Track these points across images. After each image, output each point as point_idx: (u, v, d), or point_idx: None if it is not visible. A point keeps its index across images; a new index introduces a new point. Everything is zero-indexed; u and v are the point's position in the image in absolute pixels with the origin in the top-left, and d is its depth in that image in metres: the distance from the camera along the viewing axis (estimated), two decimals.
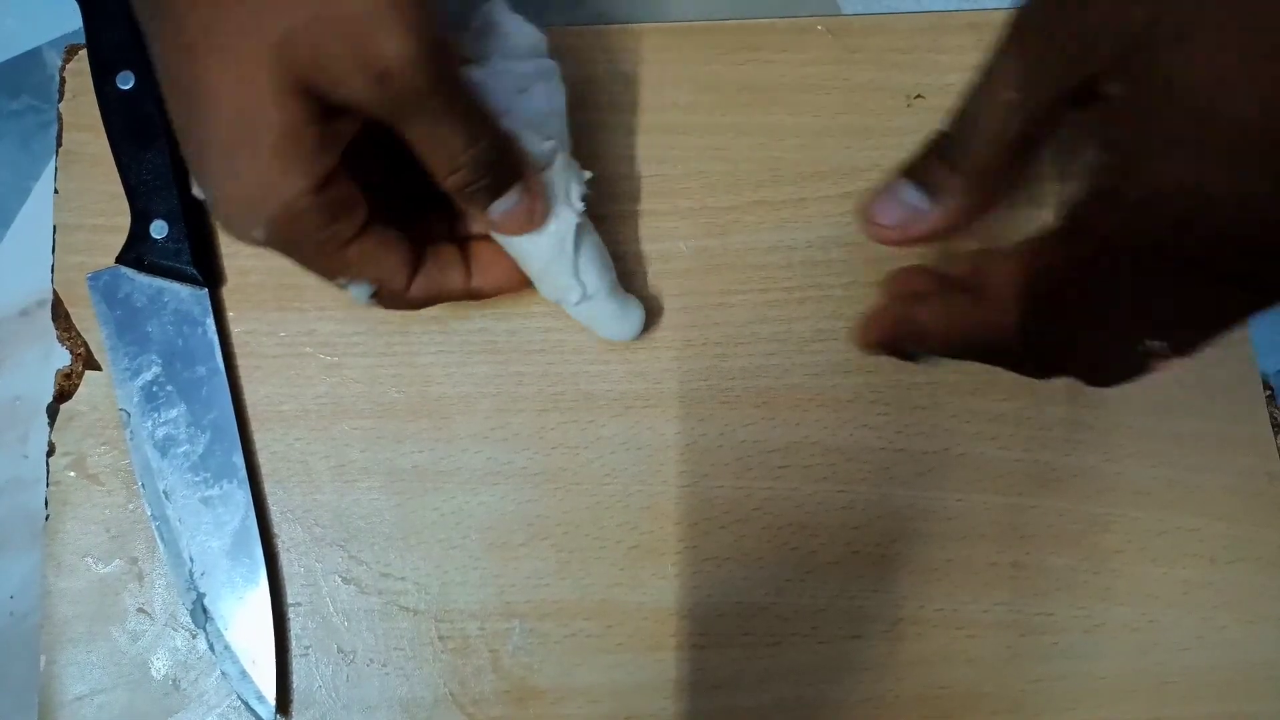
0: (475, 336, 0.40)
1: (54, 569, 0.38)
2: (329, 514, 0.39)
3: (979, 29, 0.43)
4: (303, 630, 0.38)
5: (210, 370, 0.39)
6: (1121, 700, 0.38)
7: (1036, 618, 0.39)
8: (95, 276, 0.39)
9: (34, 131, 0.43)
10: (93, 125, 0.40)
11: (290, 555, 0.38)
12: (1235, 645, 0.39)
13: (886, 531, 0.39)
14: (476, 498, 0.39)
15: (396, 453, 0.39)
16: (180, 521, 0.38)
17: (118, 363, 0.39)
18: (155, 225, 0.39)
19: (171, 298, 0.39)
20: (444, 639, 0.38)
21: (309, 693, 0.37)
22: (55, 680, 0.37)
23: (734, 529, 0.39)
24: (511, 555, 0.38)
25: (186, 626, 0.38)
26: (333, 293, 0.40)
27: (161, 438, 0.38)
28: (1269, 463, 0.40)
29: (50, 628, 0.38)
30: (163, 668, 0.37)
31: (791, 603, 0.38)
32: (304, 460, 0.39)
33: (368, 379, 0.40)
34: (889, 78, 0.42)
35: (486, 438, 0.39)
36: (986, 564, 0.39)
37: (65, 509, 0.38)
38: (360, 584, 0.38)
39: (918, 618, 0.38)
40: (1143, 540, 0.39)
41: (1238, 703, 0.38)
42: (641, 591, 0.38)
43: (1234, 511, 0.40)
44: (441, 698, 0.37)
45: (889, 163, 0.42)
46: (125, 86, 0.39)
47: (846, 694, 0.38)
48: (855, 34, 0.43)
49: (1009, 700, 0.38)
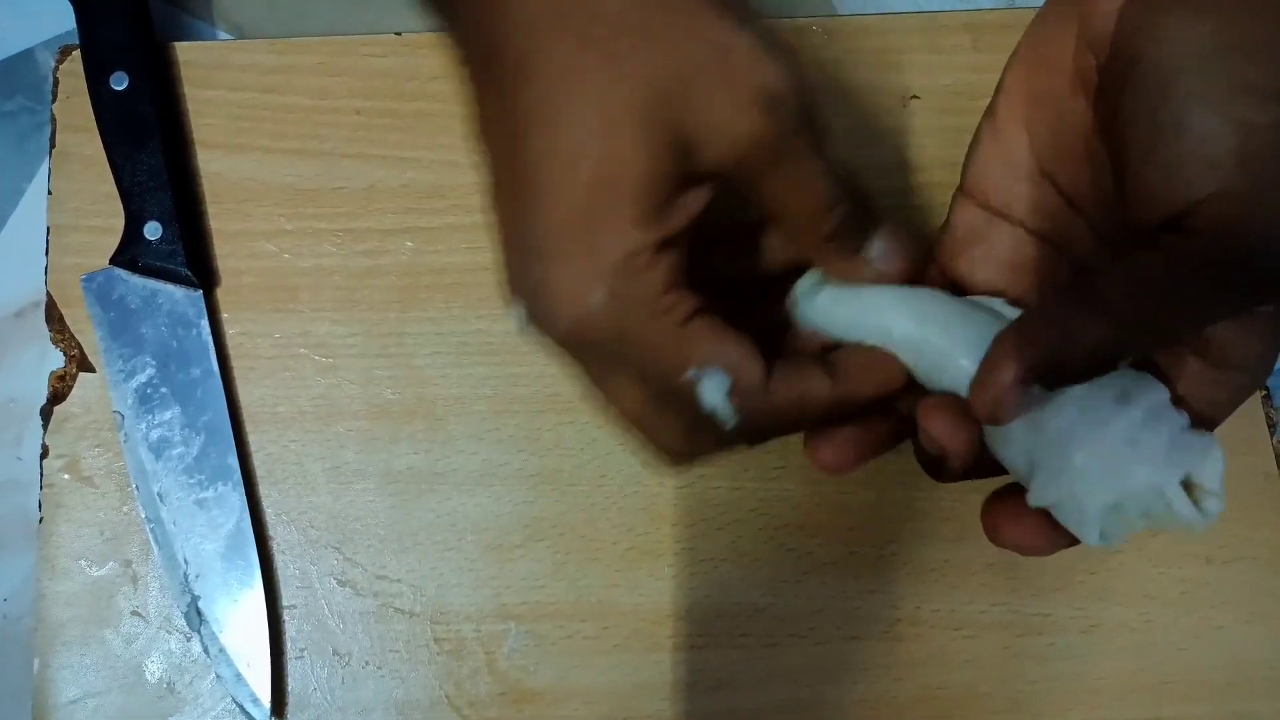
0: (471, 338, 0.40)
1: (48, 572, 0.38)
2: (324, 516, 0.39)
3: (975, 30, 0.43)
4: (298, 633, 0.38)
5: (205, 372, 0.39)
6: (1119, 700, 0.38)
7: (1034, 618, 0.38)
8: (89, 278, 0.39)
9: (28, 132, 0.43)
10: (86, 126, 0.40)
11: (285, 557, 0.38)
12: (1233, 645, 0.39)
13: (884, 532, 0.39)
14: (472, 499, 0.39)
15: (392, 454, 0.39)
16: (175, 524, 0.38)
17: (112, 365, 0.39)
18: (149, 227, 0.39)
19: (166, 299, 0.39)
20: (439, 641, 0.38)
21: (304, 695, 0.37)
22: (49, 684, 0.37)
23: (731, 530, 0.39)
24: (507, 557, 0.38)
25: (181, 629, 0.37)
26: (327, 294, 0.40)
27: (156, 440, 0.38)
28: (1265, 463, 0.40)
29: (44, 631, 0.37)
30: (157, 671, 0.37)
31: (789, 603, 0.38)
32: (299, 462, 0.39)
33: (363, 380, 0.40)
34: (885, 79, 0.42)
35: (482, 439, 0.39)
36: (984, 564, 0.39)
37: (59, 511, 0.38)
38: (355, 586, 0.38)
39: (915, 618, 0.38)
40: (1140, 540, 0.39)
41: (1236, 702, 0.38)
42: (638, 593, 0.38)
43: (1231, 511, 0.39)
44: (437, 700, 0.37)
45: (885, 164, 0.42)
46: (119, 87, 0.39)
47: (844, 695, 0.38)
48: (851, 35, 0.43)
49: (1007, 700, 0.38)
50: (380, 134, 0.42)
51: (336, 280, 0.40)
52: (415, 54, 0.42)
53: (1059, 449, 0.26)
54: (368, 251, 0.41)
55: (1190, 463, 0.26)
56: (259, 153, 0.41)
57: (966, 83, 0.42)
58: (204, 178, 0.41)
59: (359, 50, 0.42)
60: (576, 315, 0.25)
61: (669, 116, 0.25)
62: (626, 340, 0.26)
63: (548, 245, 0.26)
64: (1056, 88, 0.28)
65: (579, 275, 0.25)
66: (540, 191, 0.25)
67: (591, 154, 0.25)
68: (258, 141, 0.41)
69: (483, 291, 0.40)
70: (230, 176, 0.41)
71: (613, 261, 0.25)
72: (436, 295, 0.40)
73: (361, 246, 0.41)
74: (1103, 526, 0.27)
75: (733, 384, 0.26)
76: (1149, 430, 0.26)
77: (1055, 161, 0.29)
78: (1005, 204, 0.30)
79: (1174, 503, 0.26)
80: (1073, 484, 0.26)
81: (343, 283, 0.40)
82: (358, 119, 0.42)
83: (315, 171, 0.41)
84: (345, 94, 0.42)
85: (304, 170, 0.41)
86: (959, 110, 0.42)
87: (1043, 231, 0.30)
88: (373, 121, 0.42)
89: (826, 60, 0.42)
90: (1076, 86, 0.28)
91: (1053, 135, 0.29)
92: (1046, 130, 0.29)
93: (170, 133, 0.40)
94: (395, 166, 0.41)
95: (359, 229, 0.41)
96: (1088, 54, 0.27)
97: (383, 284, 0.40)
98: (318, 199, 0.41)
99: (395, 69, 0.42)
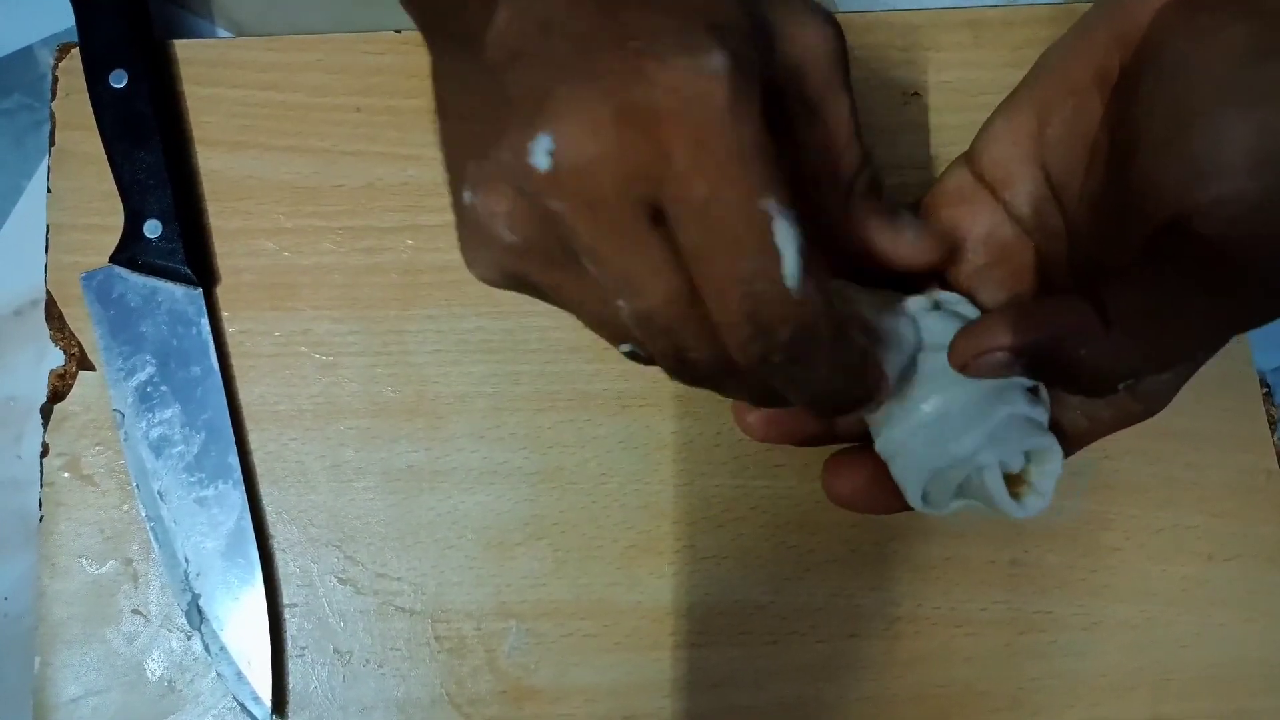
0: (471, 335, 0.40)
1: (48, 570, 0.38)
2: (324, 514, 0.39)
3: (976, 26, 0.43)
4: (298, 631, 0.38)
5: (205, 370, 0.39)
6: (1120, 697, 0.38)
7: (1034, 615, 0.38)
8: (89, 276, 0.39)
9: (27, 130, 0.43)
10: (86, 124, 0.39)
11: (286, 556, 0.38)
12: (1234, 642, 0.39)
13: (884, 529, 0.39)
14: (473, 497, 0.39)
15: (392, 452, 0.39)
16: (175, 522, 0.38)
17: (112, 363, 0.39)
18: (149, 225, 0.39)
19: (165, 297, 0.39)
20: (440, 639, 0.38)
21: (305, 694, 0.37)
22: (50, 682, 0.37)
23: (731, 527, 0.39)
24: (508, 555, 0.38)
25: (182, 628, 0.37)
26: (327, 292, 0.40)
27: (156, 438, 0.38)
28: (1266, 460, 0.40)
29: (45, 629, 0.37)
30: (158, 669, 0.37)
31: (789, 601, 0.38)
32: (299, 460, 0.39)
33: (363, 378, 0.40)
34: (886, 75, 0.42)
35: (483, 437, 0.39)
36: (984, 562, 0.39)
37: (59, 510, 0.38)
38: (356, 584, 0.38)
39: (916, 616, 0.38)
40: (1141, 537, 0.39)
41: (1236, 699, 0.38)
42: (639, 590, 0.38)
43: (1232, 508, 0.40)
44: (438, 698, 0.37)
45: (885, 160, 0.42)
46: (118, 85, 0.39)
47: (845, 692, 0.38)
48: (852, 31, 0.42)
49: (1007, 698, 0.38)
50: (380, 131, 0.41)
51: (336, 278, 0.40)
52: (415, 51, 0.42)
53: (914, 403, 0.28)
54: (368, 249, 0.41)
55: (1015, 451, 0.28)
56: (258, 150, 0.41)
57: (968, 80, 0.42)
58: (203, 175, 0.41)
59: (358, 47, 0.42)
60: (694, 65, 0.21)
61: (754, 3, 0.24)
62: (732, 119, 0.21)
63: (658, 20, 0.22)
64: (1078, 80, 0.28)
65: (702, 36, 0.21)
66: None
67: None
68: (257, 139, 0.41)
69: (483, 289, 0.40)
70: (230, 174, 0.41)
71: (733, 45, 0.21)
72: (437, 293, 0.40)
73: (361, 244, 0.41)
74: (927, 489, 0.28)
75: (802, 243, 0.22)
76: (994, 406, 0.27)
77: (1055, 153, 0.29)
78: (997, 179, 0.31)
79: (987, 480, 0.27)
80: (913, 437, 0.28)
81: (343, 280, 0.40)
82: (357, 116, 0.42)
83: (315, 169, 0.41)
84: (345, 91, 0.42)
85: (303, 168, 0.41)
86: (960, 107, 0.42)
87: (1022, 217, 0.31)
88: (372, 119, 0.42)
89: None
90: (1096, 82, 0.28)
91: (1061, 127, 0.29)
92: (1057, 120, 0.29)
93: (169, 130, 0.40)
94: (395, 164, 0.41)
95: (359, 226, 0.41)
96: (1115, 51, 0.27)
97: (383, 282, 0.40)
98: (317, 196, 0.41)
99: (395, 66, 0.42)
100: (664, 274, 0.22)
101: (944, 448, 0.28)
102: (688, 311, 0.23)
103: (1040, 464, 0.29)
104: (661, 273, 0.22)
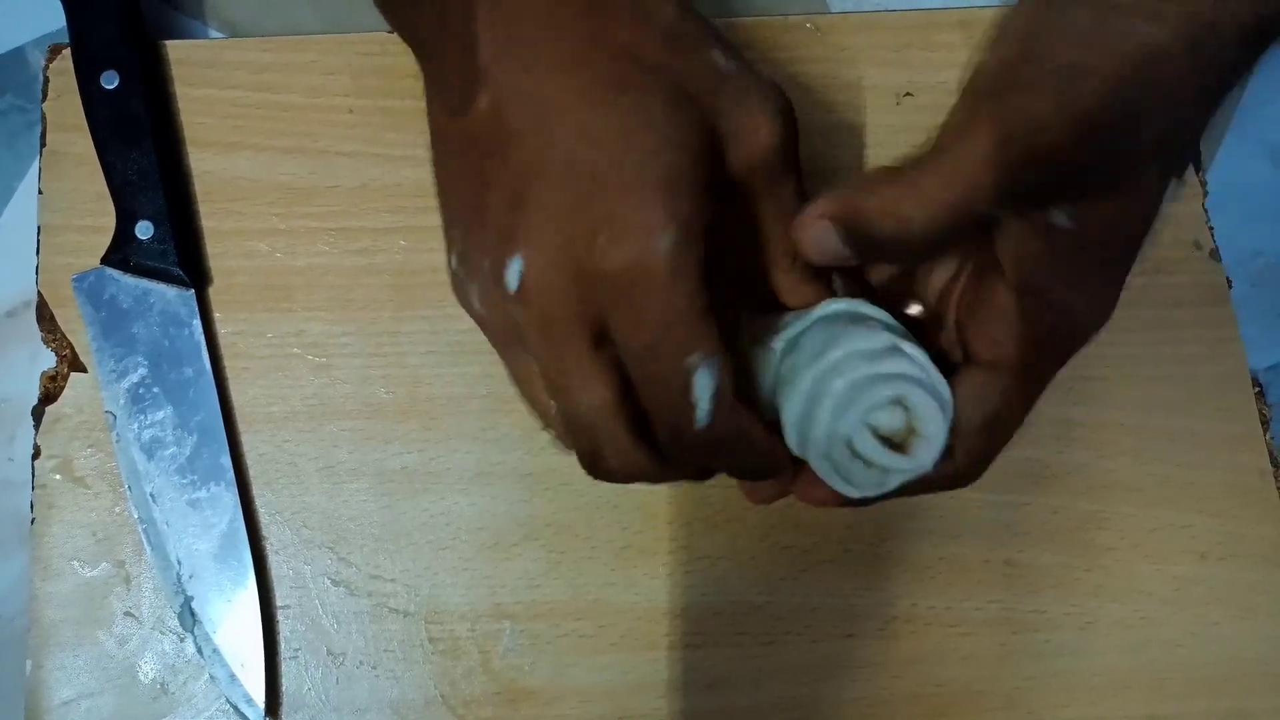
0: (465, 337, 0.40)
1: (40, 572, 0.38)
2: (318, 516, 0.38)
3: (969, 26, 0.43)
4: (292, 633, 0.38)
5: (197, 372, 0.39)
6: (1115, 697, 0.38)
7: (1030, 615, 0.38)
8: (80, 278, 0.39)
9: (18, 131, 0.43)
10: (77, 125, 0.39)
11: (279, 557, 0.38)
12: (1228, 641, 0.39)
13: (880, 530, 0.39)
14: (466, 498, 0.39)
15: (386, 454, 0.39)
16: (168, 524, 0.37)
17: (104, 364, 0.38)
18: (141, 226, 0.39)
19: (157, 299, 0.39)
20: (434, 641, 0.38)
21: (298, 695, 0.37)
22: (42, 685, 0.37)
23: (727, 528, 0.39)
24: (502, 556, 0.38)
25: (174, 630, 0.37)
26: (321, 293, 0.40)
27: (148, 440, 0.38)
28: (1260, 459, 0.40)
29: (37, 632, 0.37)
30: (151, 671, 0.37)
31: (785, 601, 0.38)
32: (292, 462, 0.39)
33: (357, 380, 0.39)
34: (879, 75, 0.42)
35: (476, 438, 0.39)
36: (980, 562, 0.39)
37: (51, 512, 0.38)
38: (350, 586, 0.38)
39: (911, 616, 0.38)
40: (1135, 537, 0.39)
41: (1231, 699, 0.38)
42: (634, 591, 0.38)
43: (1226, 508, 0.40)
44: (432, 700, 0.37)
45: (878, 161, 0.42)
46: (110, 86, 0.39)
47: (841, 692, 0.38)
48: (845, 31, 0.43)
49: (1002, 698, 0.38)
50: (374, 132, 0.41)
51: (330, 279, 0.40)
52: (408, 52, 0.42)
53: (785, 414, 0.29)
54: (361, 250, 0.41)
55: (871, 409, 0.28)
56: (251, 151, 0.41)
57: (960, 80, 0.42)
58: (196, 176, 0.41)
59: (352, 48, 0.42)
60: (641, 249, 0.25)
61: (702, 118, 0.27)
62: (668, 293, 0.25)
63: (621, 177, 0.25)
64: None
65: (657, 212, 0.25)
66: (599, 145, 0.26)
67: (656, 126, 0.26)
68: (250, 140, 0.41)
69: None
70: (222, 175, 0.41)
71: (684, 214, 0.25)
72: (430, 294, 0.40)
73: (355, 245, 0.41)
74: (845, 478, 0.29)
75: (718, 387, 0.26)
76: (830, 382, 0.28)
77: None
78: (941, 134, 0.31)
79: (862, 446, 0.28)
80: (798, 443, 0.29)
81: (336, 282, 0.40)
82: (351, 117, 0.42)
83: (308, 170, 0.41)
84: (338, 92, 0.42)
85: (297, 169, 0.41)
86: None
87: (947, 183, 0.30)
88: (366, 120, 0.42)
89: (819, 57, 0.42)
90: None
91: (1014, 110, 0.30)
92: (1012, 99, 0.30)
93: (162, 131, 0.40)
94: (389, 165, 0.41)
95: (352, 228, 0.41)
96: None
97: (376, 283, 0.40)
98: (311, 198, 0.41)
99: (388, 67, 0.42)
100: (593, 389, 0.27)
101: (813, 438, 0.28)
102: (608, 424, 0.27)
103: (919, 412, 0.28)
104: (591, 387, 0.26)
